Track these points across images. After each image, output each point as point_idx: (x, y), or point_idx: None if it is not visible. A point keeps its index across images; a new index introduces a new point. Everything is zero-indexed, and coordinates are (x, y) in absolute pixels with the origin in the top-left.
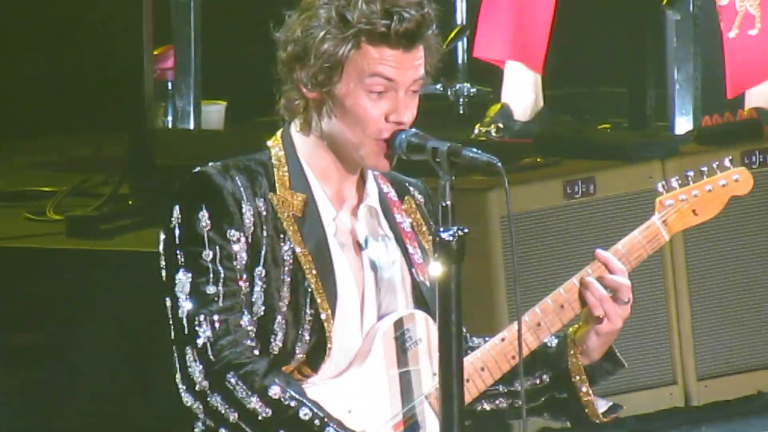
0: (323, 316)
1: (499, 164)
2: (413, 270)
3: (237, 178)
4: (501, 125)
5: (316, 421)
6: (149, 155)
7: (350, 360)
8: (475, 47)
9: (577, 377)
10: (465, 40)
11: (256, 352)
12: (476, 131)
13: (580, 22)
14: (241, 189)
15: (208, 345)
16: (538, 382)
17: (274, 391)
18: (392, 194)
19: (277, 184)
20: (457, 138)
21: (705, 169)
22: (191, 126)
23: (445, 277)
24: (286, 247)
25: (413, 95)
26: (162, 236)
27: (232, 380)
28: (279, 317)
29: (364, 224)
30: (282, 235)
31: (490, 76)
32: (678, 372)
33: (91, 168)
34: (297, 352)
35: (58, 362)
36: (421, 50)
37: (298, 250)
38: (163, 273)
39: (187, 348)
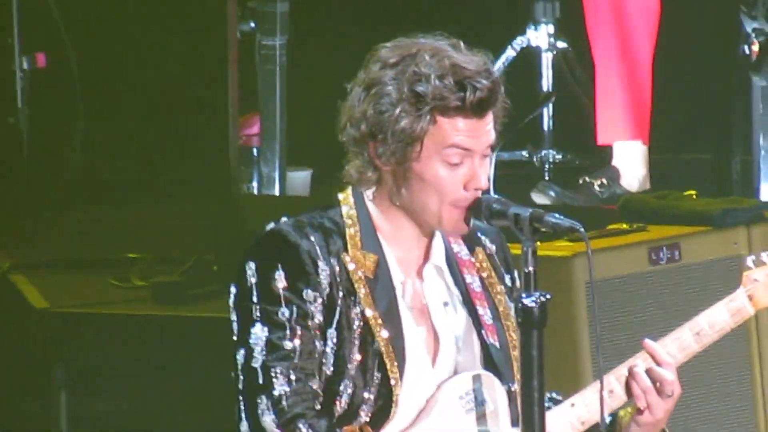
0: (392, 381)
1: (582, 230)
2: (483, 332)
3: (312, 236)
4: (605, 181)
5: None
6: (234, 221)
7: (413, 419)
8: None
9: None
10: (550, 106)
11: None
12: (580, 181)
13: (666, 88)
14: (317, 248)
15: (284, 396)
16: None
17: None
18: (463, 252)
19: (349, 244)
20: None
21: None
22: (276, 192)
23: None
24: (356, 309)
25: (486, 159)
26: (233, 290)
27: (303, 428)
28: (347, 379)
29: (431, 285)
30: (353, 297)
31: (575, 143)
32: None
33: (176, 234)
34: (361, 414)
35: (144, 429)
36: (491, 115)
37: (368, 312)
38: (235, 326)
39: (261, 396)
